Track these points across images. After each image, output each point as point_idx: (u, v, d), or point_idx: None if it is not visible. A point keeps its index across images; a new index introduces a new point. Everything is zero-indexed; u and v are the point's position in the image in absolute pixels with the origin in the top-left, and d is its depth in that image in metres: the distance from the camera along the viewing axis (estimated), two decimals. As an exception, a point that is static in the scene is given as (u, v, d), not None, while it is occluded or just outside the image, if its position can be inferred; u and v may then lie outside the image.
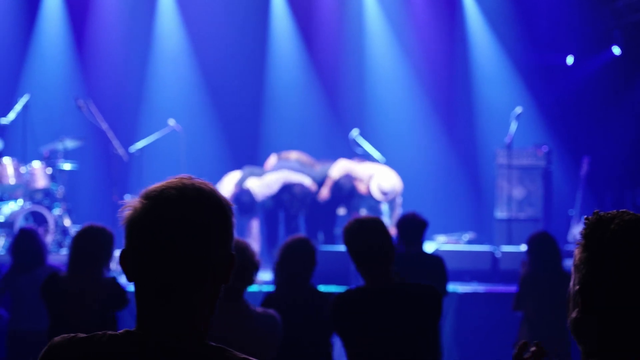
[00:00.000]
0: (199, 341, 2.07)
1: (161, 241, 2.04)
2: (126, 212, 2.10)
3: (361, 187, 12.09)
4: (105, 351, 2.03)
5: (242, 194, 11.76)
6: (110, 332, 2.07)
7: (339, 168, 12.08)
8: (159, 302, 2.06)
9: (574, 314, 2.24)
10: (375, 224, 4.65)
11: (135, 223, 2.08)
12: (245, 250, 4.77)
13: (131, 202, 2.10)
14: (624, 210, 2.28)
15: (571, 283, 2.28)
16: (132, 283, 2.11)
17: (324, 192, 12.01)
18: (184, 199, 2.08)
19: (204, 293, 2.08)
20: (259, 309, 4.96)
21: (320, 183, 12.06)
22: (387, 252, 4.57)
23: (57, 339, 2.10)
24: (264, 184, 11.97)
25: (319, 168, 12.23)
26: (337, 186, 12.02)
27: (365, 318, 4.55)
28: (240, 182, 11.98)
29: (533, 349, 2.31)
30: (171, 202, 2.07)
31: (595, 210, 2.31)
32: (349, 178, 12.08)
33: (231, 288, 4.60)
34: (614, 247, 2.20)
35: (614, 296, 2.18)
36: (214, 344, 2.08)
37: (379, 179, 12.07)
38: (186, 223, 2.05)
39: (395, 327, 4.51)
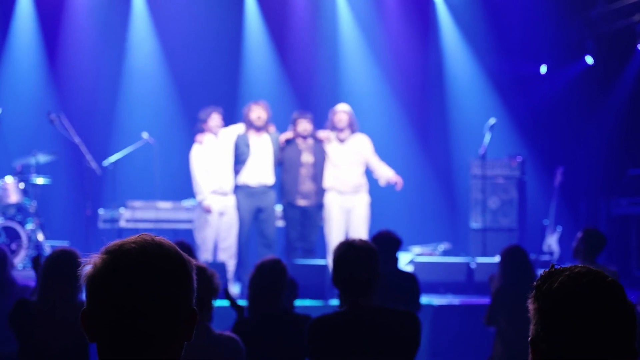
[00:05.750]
0: None
1: (122, 297, 1.99)
2: (86, 270, 2.05)
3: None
4: None
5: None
6: None
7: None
8: None
9: None
10: (364, 251, 4.61)
11: (95, 279, 2.02)
12: (202, 274, 4.66)
13: (91, 258, 2.05)
14: (582, 265, 2.26)
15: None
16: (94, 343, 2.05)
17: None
18: (144, 253, 2.03)
19: (170, 351, 2.04)
20: (220, 333, 4.91)
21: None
22: (370, 280, 4.55)
23: None
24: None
25: None
26: None
27: (342, 342, 4.52)
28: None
29: None
30: (131, 256, 2.02)
31: (552, 264, 2.30)
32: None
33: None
34: (560, 299, 2.18)
35: (560, 348, 2.17)
36: None
37: None
38: (147, 276, 2.00)
39: (372, 353, 4.49)
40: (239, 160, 11.50)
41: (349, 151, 11.64)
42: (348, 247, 4.62)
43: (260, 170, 11.54)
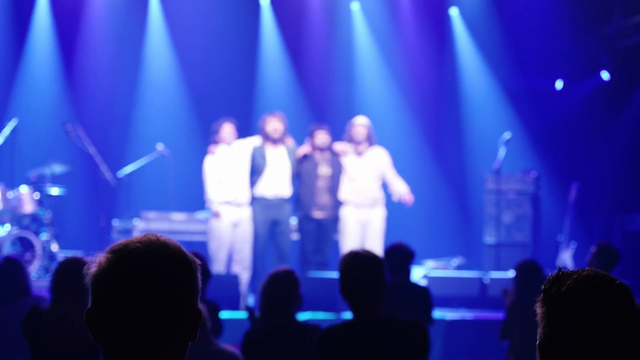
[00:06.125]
0: None
1: (126, 295, 2.01)
2: (91, 270, 2.05)
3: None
4: None
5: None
6: None
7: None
8: None
9: None
10: (369, 260, 4.63)
11: (100, 278, 2.04)
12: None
13: (96, 258, 2.06)
14: (590, 268, 2.25)
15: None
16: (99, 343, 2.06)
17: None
18: (149, 253, 2.04)
19: (174, 352, 2.05)
20: (222, 346, 4.92)
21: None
22: (376, 288, 4.56)
23: None
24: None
25: None
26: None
27: (351, 353, 4.52)
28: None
29: None
30: (136, 255, 2.03)
31: (560, 267, 2.29)
32: None
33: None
34: (568, 302, 2.18)
35: (568, 352, 2.16)
36: None
37: None
38: (152, 275, 2.02)
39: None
40: (255, 171, 11.50)
41: (366, 164, 11.63)
42: (353, 257, 4.65)
43: (277, 182, 11.53)
